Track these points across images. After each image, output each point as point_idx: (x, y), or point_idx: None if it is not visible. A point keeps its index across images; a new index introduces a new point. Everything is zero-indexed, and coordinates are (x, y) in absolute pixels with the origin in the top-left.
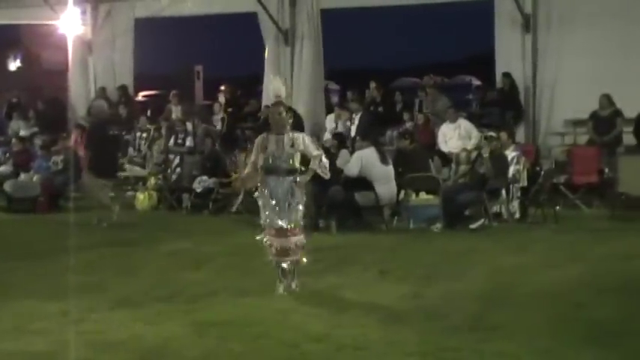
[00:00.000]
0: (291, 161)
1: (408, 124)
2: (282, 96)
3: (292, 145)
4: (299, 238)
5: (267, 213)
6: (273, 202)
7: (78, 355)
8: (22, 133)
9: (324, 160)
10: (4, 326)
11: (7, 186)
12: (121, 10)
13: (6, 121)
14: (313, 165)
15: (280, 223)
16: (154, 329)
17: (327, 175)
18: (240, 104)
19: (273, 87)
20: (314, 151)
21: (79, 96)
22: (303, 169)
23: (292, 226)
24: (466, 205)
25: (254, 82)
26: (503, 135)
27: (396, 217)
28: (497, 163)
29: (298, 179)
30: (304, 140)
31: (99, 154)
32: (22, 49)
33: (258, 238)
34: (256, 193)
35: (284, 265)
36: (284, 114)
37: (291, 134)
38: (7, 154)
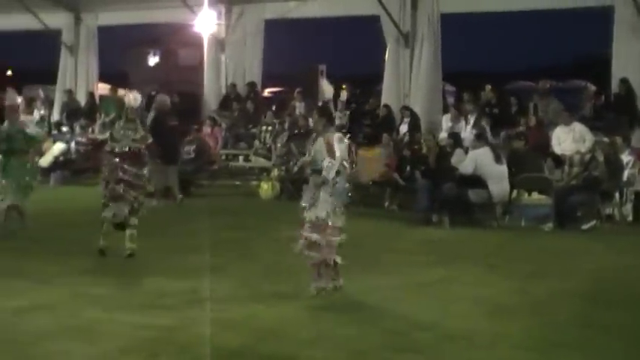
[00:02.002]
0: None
1: (522, 127)
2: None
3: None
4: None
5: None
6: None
7: (202, 331)
8: None
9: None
10: (137, 301)
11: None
12: (252, 12)
13: (145, 112)
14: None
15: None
16: (271, 311)
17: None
18: (360, 102)
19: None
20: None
21: (212, 91)
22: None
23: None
24: (578, 206)
25: (374, 82)
26: (619, 139)
27: (507, 215)
28: (612, 166)
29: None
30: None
31: (163, 143)
32: (161, 47)
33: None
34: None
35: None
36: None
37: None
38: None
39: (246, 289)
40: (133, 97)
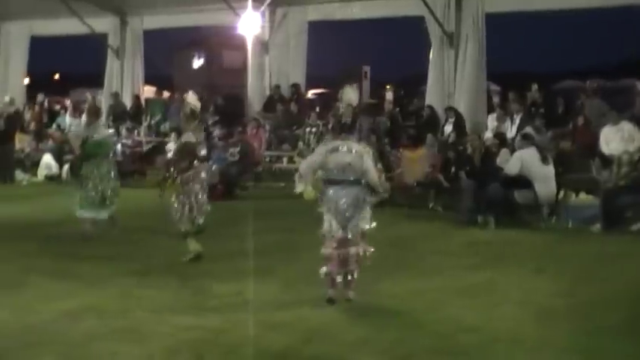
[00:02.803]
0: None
1: (569, 127)
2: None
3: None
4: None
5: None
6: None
7: (247, 333)
8: None
9: None
10: (184, 302)
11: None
12: (296, 14)
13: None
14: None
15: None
16: (317, 313)
17: None
18: (404, 103)
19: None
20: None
21: (256, 92)
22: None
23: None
24: (627, 207)
25: (417, 82)
26: None
27: (554, 217)
28: None
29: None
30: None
31: None
32: (205, 50)
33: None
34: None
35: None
36: None
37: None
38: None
39: (292, 292)
40: (194, 99)
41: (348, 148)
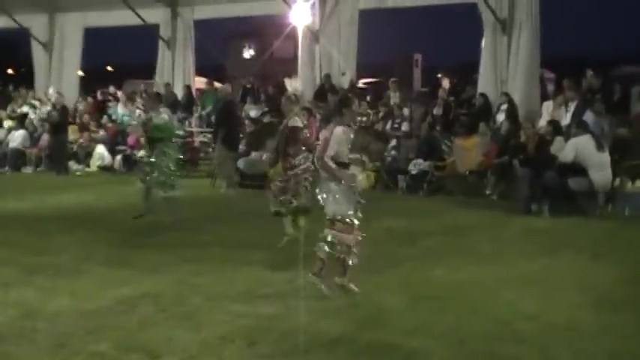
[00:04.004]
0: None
1: (626, 114)
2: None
3: None
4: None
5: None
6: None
7: (302, 320)
8: (253, 114)
9: None
10: (238, 290)
11: (241, 163)
12: (347, 3)
13: (240, 104)
14: None
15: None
16: (371, 299)
17: None
18: (457, 91)
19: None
20: None
21: (307, 82)
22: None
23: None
24: None
25: (470, 70)
26: None
27: (610, 204)
28: None
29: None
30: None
31: (229, 130)
32: (256, 39)
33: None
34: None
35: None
36: None
37: None
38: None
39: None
40: (295, 85)
41: None
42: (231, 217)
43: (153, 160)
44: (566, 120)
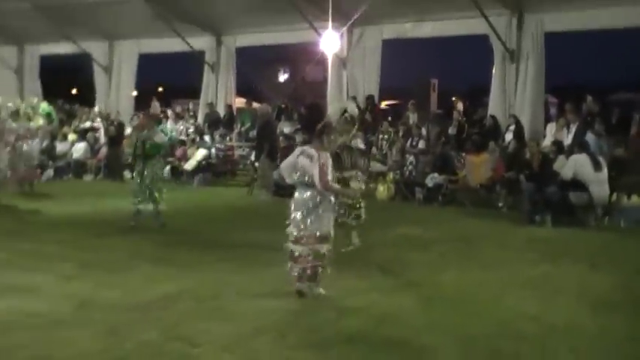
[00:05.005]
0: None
1: (623, 135)
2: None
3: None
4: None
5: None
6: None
7: (325, 316)
8: (287, 130)
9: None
10: (268, 287)
11: (276, 174)
12: (372, 33)
13: (275, 122)
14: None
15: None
16: (388, 300)
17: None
18: (469, 113)
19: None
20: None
21: (335, 103)
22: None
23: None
24: None
25: (482, 94)
26: None
27: (607, 217)
28: None
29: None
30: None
31: (271, 144)
32: (290, 65)
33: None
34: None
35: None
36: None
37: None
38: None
39: (365, 280)
40: (352, 107)
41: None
42: (265, 222)
43: (144, 174)
44: (567, 140)
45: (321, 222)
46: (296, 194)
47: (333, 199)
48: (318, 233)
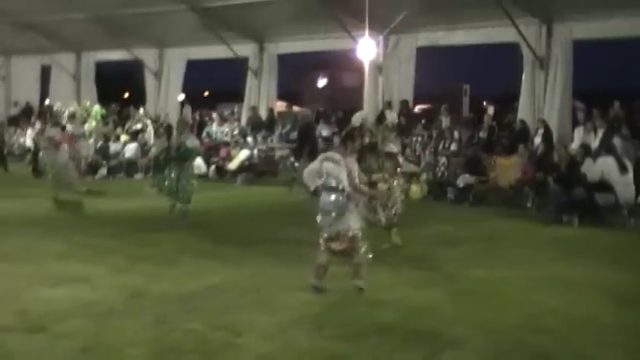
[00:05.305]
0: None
1: None
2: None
3: None
4: None
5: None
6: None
7: (360, 309)
8: (325, 133)
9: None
10: (306, 281)
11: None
12: (406, 41)
13: (315, 124)
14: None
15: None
16: (419, 293)
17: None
18: (499, 117)
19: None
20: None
21: (370, 107)
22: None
23: None
24: None
25: (512, 99)
26: None
27: (632, 218)
28: None
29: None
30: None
31: (312, 146)
32: (328, 71)
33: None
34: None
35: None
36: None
37: None
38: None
39: (399, 275)
40: (393, 116)
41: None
42: (304, 219)
43: (177, 176)
44: (595, 144)
45: (348, 222)
46: (321, 198)
47: (360, 200)
48: (350, 233)
